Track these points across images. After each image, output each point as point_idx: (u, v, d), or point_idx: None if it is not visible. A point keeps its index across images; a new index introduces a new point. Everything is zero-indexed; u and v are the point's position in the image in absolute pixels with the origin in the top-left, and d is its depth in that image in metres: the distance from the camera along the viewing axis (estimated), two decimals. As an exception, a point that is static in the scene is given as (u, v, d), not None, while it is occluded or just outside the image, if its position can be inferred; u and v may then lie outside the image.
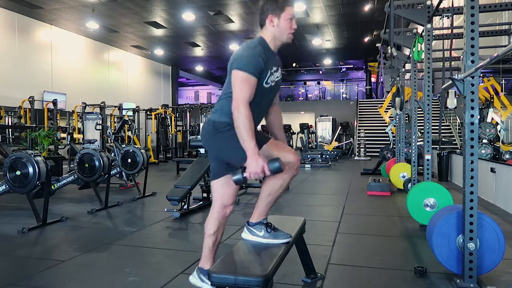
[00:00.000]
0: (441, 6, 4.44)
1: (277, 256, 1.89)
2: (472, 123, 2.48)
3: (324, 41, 16.66)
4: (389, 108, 9.42)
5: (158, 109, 14.30)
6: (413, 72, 5.35)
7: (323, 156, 12.24)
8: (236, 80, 1.94)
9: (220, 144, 2.07)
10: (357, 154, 14.91)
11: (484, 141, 7.11)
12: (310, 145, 15.76)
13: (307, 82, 26.33)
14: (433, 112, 5.20)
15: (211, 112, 2.15)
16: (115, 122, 13.60)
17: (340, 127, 16.82)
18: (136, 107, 14.14)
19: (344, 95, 23.49)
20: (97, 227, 4.29)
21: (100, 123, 8.94)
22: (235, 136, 1.94)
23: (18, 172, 4.14)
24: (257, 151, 1.89)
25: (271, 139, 2.10)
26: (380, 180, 6.45)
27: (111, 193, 5.47)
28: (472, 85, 2.47)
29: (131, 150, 6.16)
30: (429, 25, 4.39)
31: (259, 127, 2.29)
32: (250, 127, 1.88)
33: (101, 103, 11.74)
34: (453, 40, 5.48)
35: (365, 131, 15.13)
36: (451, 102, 3.48)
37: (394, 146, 8.81)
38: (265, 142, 2.06)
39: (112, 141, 7.18)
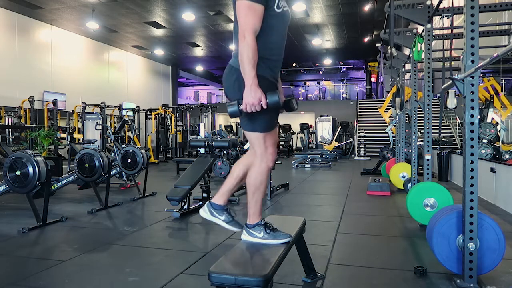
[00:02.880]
0: (441, 6, 4.44)
1: (277, 256, 1.89)
2: (472, 123, 2.48)
3: (324, 41, 16.66)
4: (389, 108, 9.42)
5: (158, 109, 14.30)
6: (413, 72, 5.34)
7: (323, 156, 12.23)
8: (240, 10, 1.87)
9: (236, 89, 1.96)
10: (357, 154, 14.91)
11: (484, 141, 7.11)
12: (310, 145, 15.76)
13: (307, 82, 26.34)
14: (433, 112, 5.21)
15: (232, 56, 2.06)
16: (115, 122, 13.61)
17: (340, 127, 16.82)
18: (136, 107, 14.14)
19: (344, 95, 23.49)
20: (97, 227, 4.29)
21: (100, 123, 8.94)
22: None
23: (18, 172, 4.14)
24: (256, 82, 1.82)
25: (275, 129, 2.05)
26: (380, 180, 6.45)
27: (111, 193, 5.47)
28: (472, 85, 2.47)
29: (131, 150, 6.16)
30: (429, 25, 4.39)
31: None
32: (253, 57, 1.82)
33: (101, 103, 11.75)
34: (453, 40, 5.48)
35: (365, 131, 15.13)
36: (451, 102, 3.49)
37: (394, 146, 8.81)
38: (274, 119, 2.01)
39: (112, 141, 7.17)
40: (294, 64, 24.56)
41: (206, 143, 5.68)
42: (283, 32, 2.04)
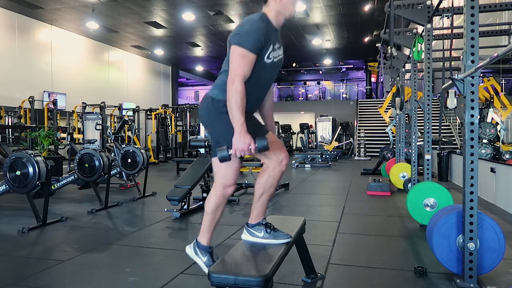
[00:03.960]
0: (441, 6, 4.44)
1: (277, 256, 1.89)
2: (472, 123, 2.48)
3: (324, 41, 16.66)
4: (389, 108, 9.42)
5: (158, 109, 14.30)
6: (413, 72, 5.34)
7: (323, 156, 12.24)
8: (234, 55, 1.92)
9: (217, 126, 2.04)
10: (357, 154, 14.91)
11: (484, 141, 7.11)
12: (310, 145, 15.76)
13: (307, 82, 26.34)
14: (433, 112, 5.20)
15: (211, 87, 2.11)
16: (115, 122, 13.60)
17: (340, 127, 16.82)
18: (136, 107, 14.14)
19: (344, 95, 23.49)
20: (97, 227, 4.29)
21: (100, 123, 8.94)
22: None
23: (18, 172, 4.14)
24: (245, 127, 1.86)
25: (269, 133, 2.07)
26: (380, 180, 6.45)
27: (111, 193, 5.47)
28: (472, 85, 2.47)
29: (131, 150, 6.16)
30: (429, 25, 4.39)
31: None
32: (241, 102, 1.86)
33: (101, 103, 11.74)
34: (453, 40, 5.48)
35: (365, 131, 15.13)
36: (451, 102, 3.49)
37: (394, 146, 8.81)
38: (262, 133, 2.01)
39: (112, 141, 7.18)
40: (294, 64, 24.57)
41: (206, 143, 5.67)
42: (268, 79, 2.10)
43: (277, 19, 2.08)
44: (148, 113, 14.75)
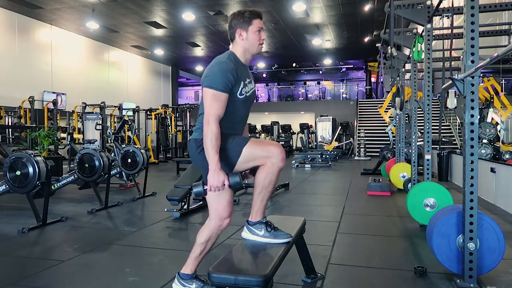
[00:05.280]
0: (441, 6, 4.44)
1: (277, 256, 1.89)
2: (472, 123, 2.48)
3: (324, 41, 16.66)
4: (389, 108, 9.42)
5: (158, 109, 14.30)
6: (413, 72, 5.34)
7: (323, 156, 12.24)
8: (207, 97, 1.99)
9: (201, 163, 2.10)
10: (357, 154, 14.91)
11: (484, 141, 7.11)
12: (310, 145, 15.76)
13: (307, 82, 26.31)
14: (433, 112, 5.21)
15: (194, 130, 2.20)
16: (115, 122, 13.61)
17: (340, 127, 16.82)
18: (136, 107, 14.14)
19: (344, 95, 23.48)
20: (97, 227, 4.29)
21: (100, 123, 8.94)
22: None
23: (18, 172, 4.14)
24: (219, 166, 1.94)
25: (251, 139, 2.09)
26: (380, 180, 6.45)
27: (111, 193, 5.47)
28: (472, 85, 2.47)
29: (131, 150, 6.16)
30: (429, 25, 4.39)
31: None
32: (216, 142, 1.94)
33: (101, 103, 11.74)
34: (453, 40, 5.48)
35: (365, 131, 15.13)
36: (451, 102, 3.48)
37: (394, 146, 8.81)
38: (245, 143, 2.04)
39: (112, 141, 7.18)
40: (294, 64, 24.56)
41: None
42: (243, 115, 2.17)
43: (245, 56, 2.13)
44: (148, 113, 14.74)
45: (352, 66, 25.76)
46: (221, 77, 1.98)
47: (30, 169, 4.12)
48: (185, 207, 4.75)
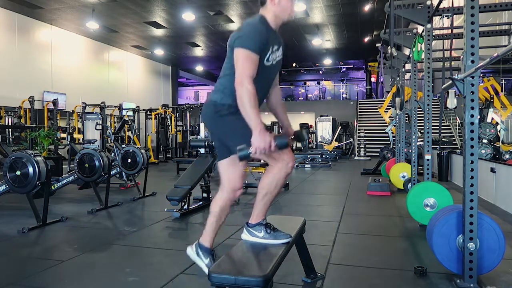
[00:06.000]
0: (441, 6, 4.44)
1: (277, 256, 1.89)
2: (472, 123, 2.48)
3: (324, 41, 16.66)
4: (389, 108, 9.42)
5: (158, 109, 14.30)
6: (413, 72, 5.34)
7: (323, 156, 12.24)
8: (239, 58, 1.94)
9: (223, 129, 2.06)
10: (357, 154, 14.91)
11: (484, 141, 7.11)
12: (310, 145, 15.75)
13: (307, 82, 26.33)
14: (433, 112, 5.20)
15: (212, 91, 2.12)
16: (115, 122, 13.60)
17: (340, 127, 16.82)
18: (136, 107, 14.14)
19: (344, 95, 23.49)
20: (97, 227, 4.29)
21: (100, 123, 8.94)
22: (239, 120, 1.94)
23: (18, 172, 4.14)
24: (263, 126, 1.87)
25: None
26: (380, 180, 6.45)
27: (111, 193, 5.47)
28: (472, 85, 2.47)
29: (131, 150, 6.15)
30: (429, 25, 4.39)
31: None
32: (255, 102, 1.88)
33: (101, 103, 11.75)
34: (453, 40, 5.48)
35: (365, 131, 15.14)
36: (451, 102, 3.49)
37: (394, 146, 8.81)
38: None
39: (112, 141, 7.18)
40: (294, 64, 24.55)
41: (206, 143, 5.67)
42: (267, 80, 2.13)
43: (275, 21, 2.09)
44: (148, 113, 14.74)
45: (352, 66, 25.76)
46: (253, 38, 1.94)
47: (30, 169, 4.11)
48: (185, 207, 4.75)
